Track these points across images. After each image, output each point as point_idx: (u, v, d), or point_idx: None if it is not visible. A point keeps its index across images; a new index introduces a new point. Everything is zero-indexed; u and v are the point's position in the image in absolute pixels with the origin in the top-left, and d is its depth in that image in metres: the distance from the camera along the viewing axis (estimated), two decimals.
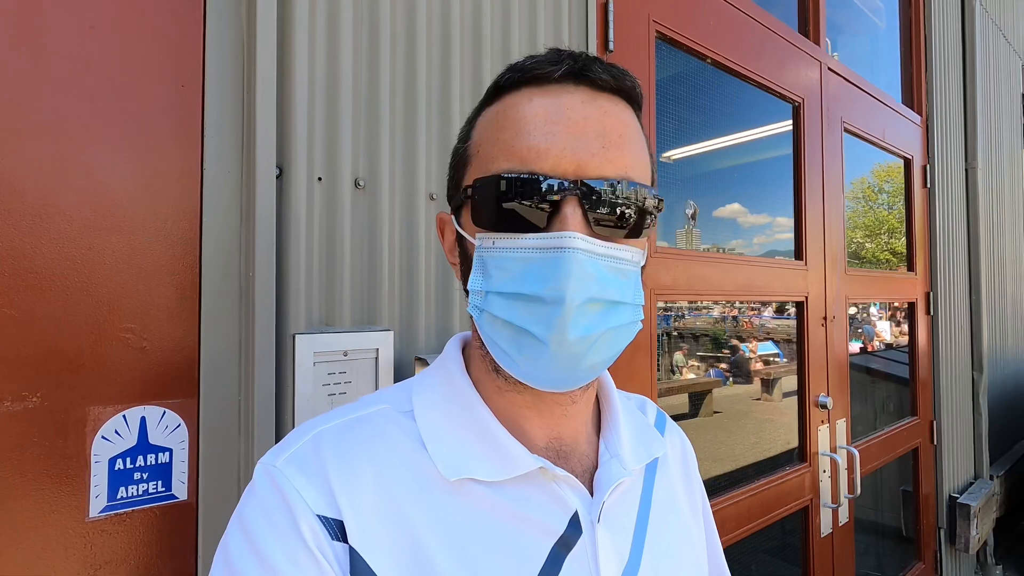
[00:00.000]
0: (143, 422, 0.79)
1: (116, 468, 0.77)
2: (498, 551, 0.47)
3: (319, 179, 0.91)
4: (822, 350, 2.15)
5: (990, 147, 3.48)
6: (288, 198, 0.88)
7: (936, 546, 2.85)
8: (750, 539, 1.80)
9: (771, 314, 2.53)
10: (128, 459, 0.78)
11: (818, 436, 2.11)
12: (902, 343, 3.00)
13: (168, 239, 0.82)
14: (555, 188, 0.45)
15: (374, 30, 0.98)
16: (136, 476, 0.79)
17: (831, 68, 2.28)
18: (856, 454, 2.16)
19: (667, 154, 1.81)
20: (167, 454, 0.81)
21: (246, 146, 0.86)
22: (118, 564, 0.77)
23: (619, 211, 0.47)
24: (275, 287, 0.85)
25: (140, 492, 0.79)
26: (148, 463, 0.80)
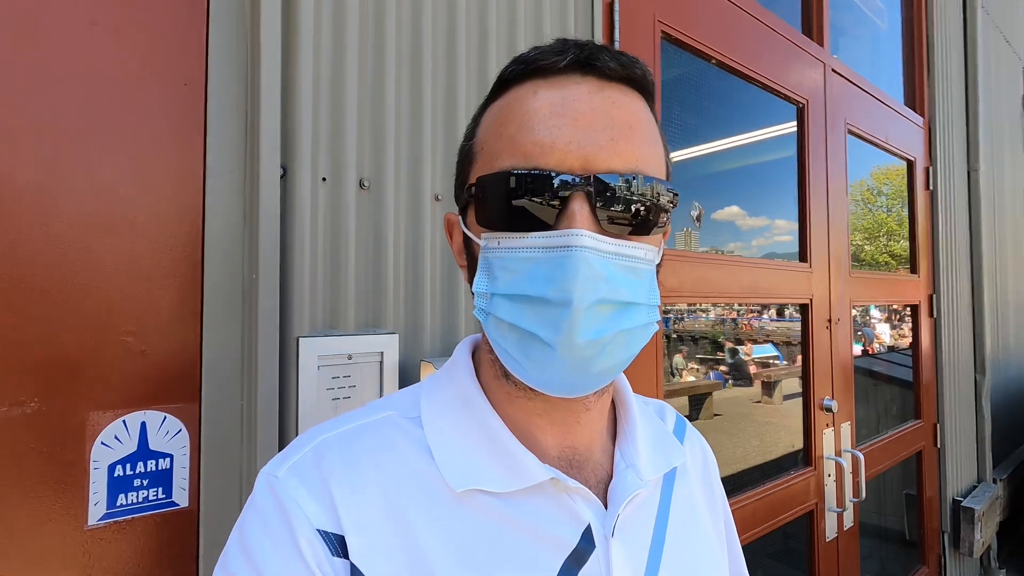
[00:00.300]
0: (143, 427, 0.77)
1: (116, 475, 0.75)
2: (506, 566, 0.45)
3: (323, 179, 0.90)
4: (827, 353, 2.14)
5: (992, 150, 3.47)
6: (292, 198, 0.86)
7: (940, 550, 2.83)
8: (754, 544, 1.78)
9: (771, 316, 2.52)
10: (128, 465, 0.76)
11: (823, 439, 2.09)
12: (901, 345, 2.99)
13: (169, 240, 0.80)
14: (561, 184, 0.43)
15: (379, 27, 0.96)
16: (136, 483, 0.77)
17: (834, 69, 2.27)
18: (861, 458, 2.15)
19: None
20: (168, 460, 0.79)
21: (249, 145, 0.85)
22: (117, 573, 0.75)
23: (630, 207, 0.45)
24: (279, 289, 0.83)
25: (140, 499, 0.77)
26: (148, 469, 0.78)
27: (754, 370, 2.51)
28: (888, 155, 2.71)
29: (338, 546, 0.44)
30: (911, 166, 2.83)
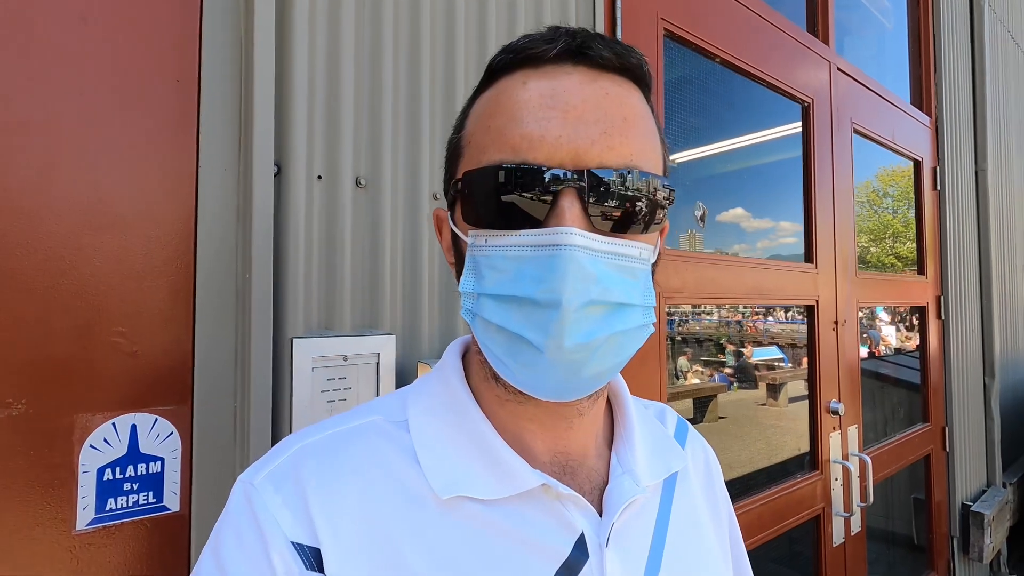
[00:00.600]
0: (133, 430, 0.76)
1: (105, 478, 0.74)
2: None
3: (319, 177, 0.88)
4: (833, 355, 2.11)
5: (999, 149, 3.44)
6: (286, 197, 0.85)
7: (949, 555, 2.79)
8: (759, 549, 1.75)
9: (775, 319, 2.49)
10: (117, 469, 0.75)
11: (830, 443, 2.06)
12: (907, 347, 2.96)
13: (161, 239, 0.79)
14: (550, 179, 0.41)
15: (376, 22, 0.95)
16: (126, 487, 0.75)
17: (840, 68, 2.25)
18: (868, 461, 2.12)
19: (671, 157, 1.77)
20: (159, 463, 0.77)
21: (243, 143, 0.83)
22: None
23: (624, 203, 0.43)
24: (272, 289, 0.82)
25: (130, 503, 0.75)
26: (139, 473, 0.76)
27: (759, 372, 2.48)
28: (894, 156, 2.68)
29: (313, 560, 0.42)
30: (918, 166, 2.80)
